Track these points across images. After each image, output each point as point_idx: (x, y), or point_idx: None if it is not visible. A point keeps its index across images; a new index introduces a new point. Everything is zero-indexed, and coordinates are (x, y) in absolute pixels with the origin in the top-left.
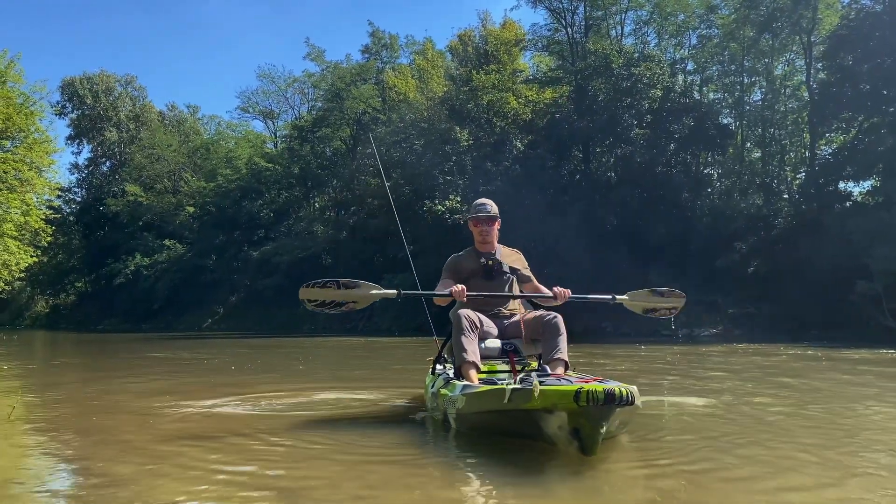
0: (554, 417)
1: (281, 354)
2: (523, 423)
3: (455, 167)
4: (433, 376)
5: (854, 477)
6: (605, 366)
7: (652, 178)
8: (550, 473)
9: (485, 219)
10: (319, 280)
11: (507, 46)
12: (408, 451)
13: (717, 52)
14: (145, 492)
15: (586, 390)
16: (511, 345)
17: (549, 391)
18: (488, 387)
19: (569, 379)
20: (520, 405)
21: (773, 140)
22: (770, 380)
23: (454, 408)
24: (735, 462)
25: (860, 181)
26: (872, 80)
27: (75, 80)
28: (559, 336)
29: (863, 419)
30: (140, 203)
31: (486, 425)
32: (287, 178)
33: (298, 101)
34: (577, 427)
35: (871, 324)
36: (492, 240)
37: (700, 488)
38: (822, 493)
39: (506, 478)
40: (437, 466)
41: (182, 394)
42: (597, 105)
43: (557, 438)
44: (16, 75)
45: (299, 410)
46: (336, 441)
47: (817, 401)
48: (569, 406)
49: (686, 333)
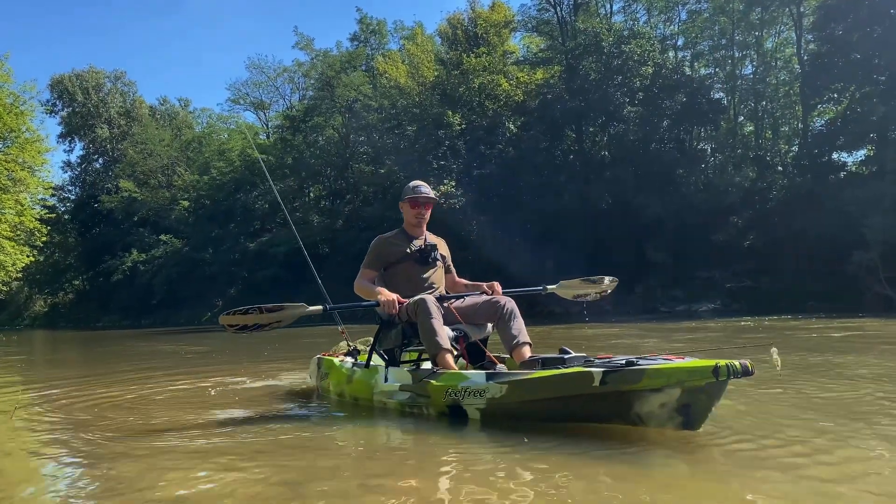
0: (660, 396)
1: (285, 343)
2: (606, 406)
3: (449, 151)
4: (371, 369)
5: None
6: (597, 344)
7: (645, 156)
8: (566, 456)
9: (424, 201)
10: (241, 308)
11: (497, 28)
12: (409, 439)
13: (707, 26)
14: (149, 488)
15: (724, 365)
16: (459, 330)
17: (677, 368)
18: (557, 371)
19: (666, 358)
20: (621, 387)
21: (765, 113)
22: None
23: (482, 397)
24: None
25: (854, 151)
26: (863, 49)
27: (64, 78)
28: (519, 319)
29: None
30: (134, 199)
31: (536, 412)
32: (281, 168)
33: (289, 91)
34: (689, 403)
35: (868, 293)
36: (424, 224)
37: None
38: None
39: (512, 463)
40: (440, 454)
41: (185, 388)
42: (588, 84)
43: (650, 418)
44: (4, 75)
45: (301, 401)
46: (337, 431)
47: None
48: (696, 382)
49: (684, 309)
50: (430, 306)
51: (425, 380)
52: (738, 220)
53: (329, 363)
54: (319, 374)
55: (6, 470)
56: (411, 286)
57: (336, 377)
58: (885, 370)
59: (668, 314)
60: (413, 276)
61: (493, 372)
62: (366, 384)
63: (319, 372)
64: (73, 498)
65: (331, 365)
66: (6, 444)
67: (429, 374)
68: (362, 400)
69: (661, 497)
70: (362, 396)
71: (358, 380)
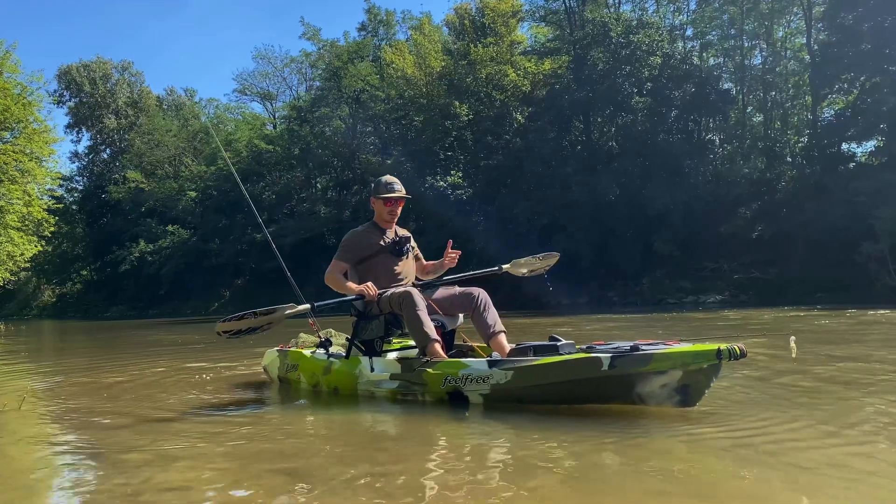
0: (663, 377)
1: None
2: (611, 389)
3: (455, 142)
4: (353, 360)
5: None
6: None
7: (653, 147)
8: (571, 437)
9: (397, 199)
10: (236, 314)
11: (504, 18)
12: (414, 427)
13: (716, 16)
14: (156, 477)
15: (726, 348)
16: (437, 321)
17: (683, 352)
18: (566, 357)
19: (664, 343)
20: (629, 371)
21: (774, 103)
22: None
23: (486, 384)
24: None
25: (863, 142)
26: (873, 39)
27: (72, 68)
28: (493, 309)
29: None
30: (142, 189)
31: (540, 396)
32: (288, 159)
33: (296, 82)
34: (688, 383)
35: (877, 284)
36: (395, 219)
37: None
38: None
39: (516, 448)
40: (446, 441)
41: (191, 378)
42: (596, 74)
43: (651, 397)
44: (12, 66)
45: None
46: (343, 420)
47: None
48: (700, 364)
49: (692, 300)
50: (417, 299)
51: (420, 368)
52: (746, 211)
53: (297, 355)
54: (284, 366)
55: (15, 457)
56: (387, 278)
57: (310, 369)
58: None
59: (676, 305)
60: (388, 267)
61: (494, 359)
62: (348, 374)
63: (284, 364)
64: (79, 485)
65: (300, 357)
66: (15, 432)
67: (423, 364)
68: (343, 390)
69: (666, 476)
70: (344, 386)
71: (338, 370)
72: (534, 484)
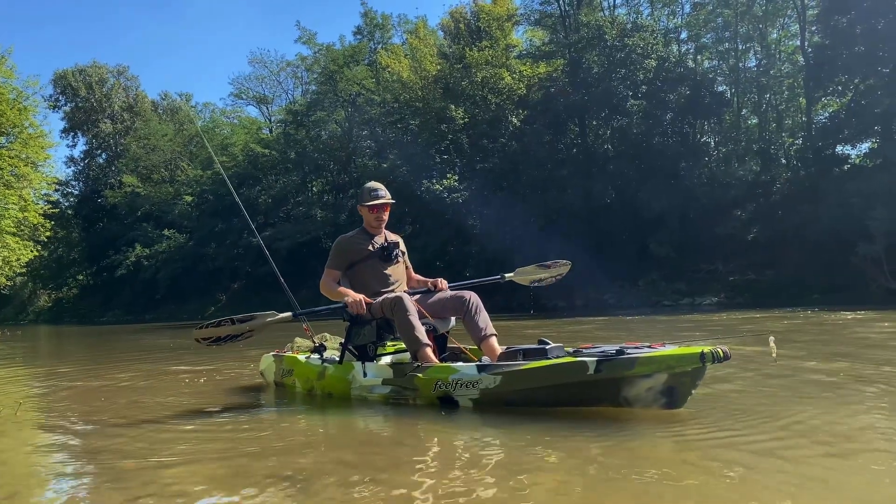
0: (648, 381)
1: (269, 334)
2: (597, 392)
3: (451, 146)
4: (346, 365)
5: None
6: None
7: (649, 149)
8: (562, 440)
9: (383, 206)
10: (213, 321)
11: (500, 22)
12: (410, 432)
13: (710, 19)
14: (154, 483)
15: (710, 351)
16: (428, 325)
17: (667, 356)
18: (553, 361)
19: (650, 346)
20: (614, 374)
21: (769, 106)
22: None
23: (476, 388)
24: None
25: (858, 144)
26: (867, 41)
27: (68, 73)
28: (484, 312)
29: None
30: (138, 194)
31: (528, 399)
32: (284, 163)
33: (292, 86)
34: (673, 386)
35: (872, 286)
36: (383, 224)
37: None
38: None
39: (508, 450)
40: (439, 444)
41: (186, 382)
42: (591, 78)
43: (637, 400)
44: (7, 71)
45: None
46: (338, 423)
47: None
48: (684, 368)
49: (688, 302)
50: (408, 304)
51: (411, 374)
52: (741, 213)
53: (292, 360)
54: (279, 371)
55: (11, 463)
56: (377, 282)
57: (304, 373)
58: (887, 360)
59: (672, 308)
60: (378, 272)
61: (483, 364)
62: (342, 379)
63: (279, 369)
64: (75, 490)
65: (295, 362)
66: (12, 438)
67: (414, 369)
68: (337, 394)
69: (654, 477)
70: (337, 391)
71: (332, 375)
72: (525, 485)
